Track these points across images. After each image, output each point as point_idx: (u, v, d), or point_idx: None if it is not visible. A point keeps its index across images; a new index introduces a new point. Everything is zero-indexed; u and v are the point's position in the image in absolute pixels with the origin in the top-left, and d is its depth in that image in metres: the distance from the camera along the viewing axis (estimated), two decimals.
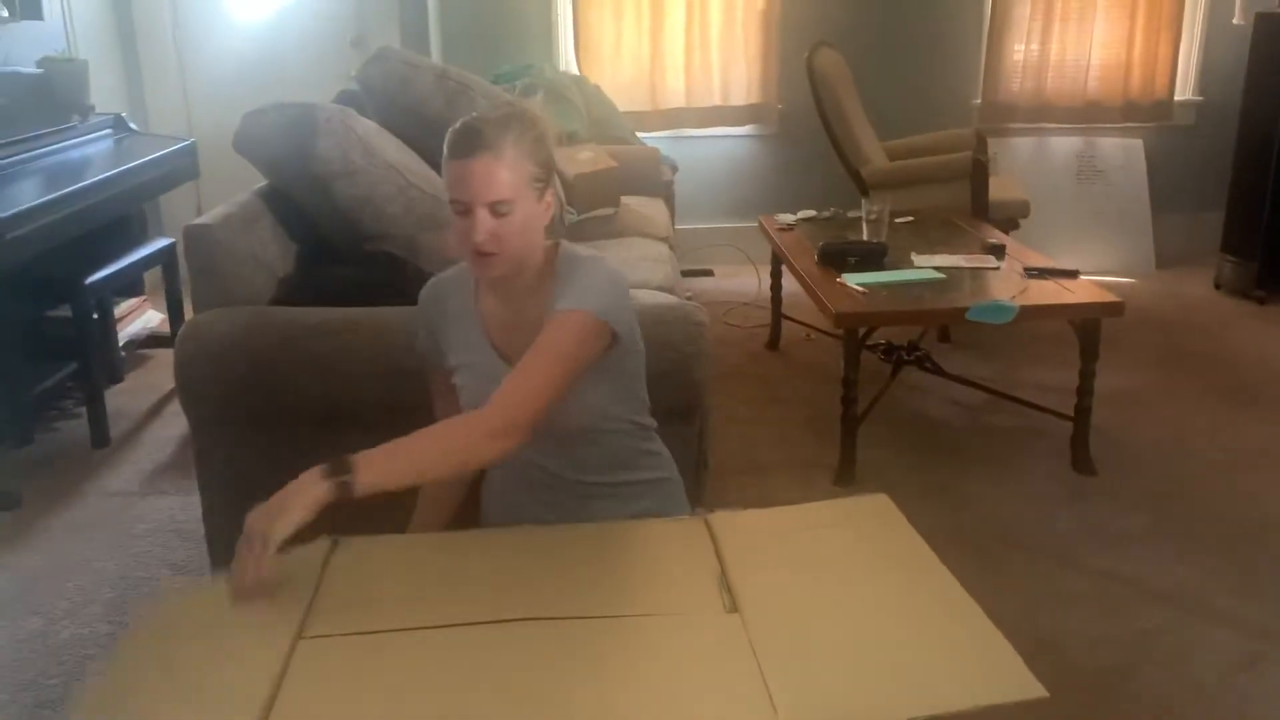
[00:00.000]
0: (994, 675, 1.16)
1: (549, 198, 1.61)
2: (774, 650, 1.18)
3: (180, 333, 2.15)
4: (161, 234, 4.10)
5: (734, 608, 1.29)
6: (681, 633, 1.25)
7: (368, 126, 2.45)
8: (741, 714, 1.08)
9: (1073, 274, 3.13)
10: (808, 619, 1.27)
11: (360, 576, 1.42)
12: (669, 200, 4.23)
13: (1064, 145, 5.17)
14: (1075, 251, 4.68)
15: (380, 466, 1.42)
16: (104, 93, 4.28)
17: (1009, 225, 4.17)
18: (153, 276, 4.14)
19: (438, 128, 2.72)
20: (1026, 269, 3.18)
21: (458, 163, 1.54)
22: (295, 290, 2.33)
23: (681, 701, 1.12)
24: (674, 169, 4.52)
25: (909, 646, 1.22)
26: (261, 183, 2.52)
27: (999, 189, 4.28)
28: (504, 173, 1.52)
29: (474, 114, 1.59)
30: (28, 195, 3.03)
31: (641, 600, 1.33)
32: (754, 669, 1.15)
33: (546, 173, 1.59)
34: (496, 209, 1.53)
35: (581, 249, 1.70)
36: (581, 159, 3.58)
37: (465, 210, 1.54)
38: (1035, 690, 1.12)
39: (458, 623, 1.27)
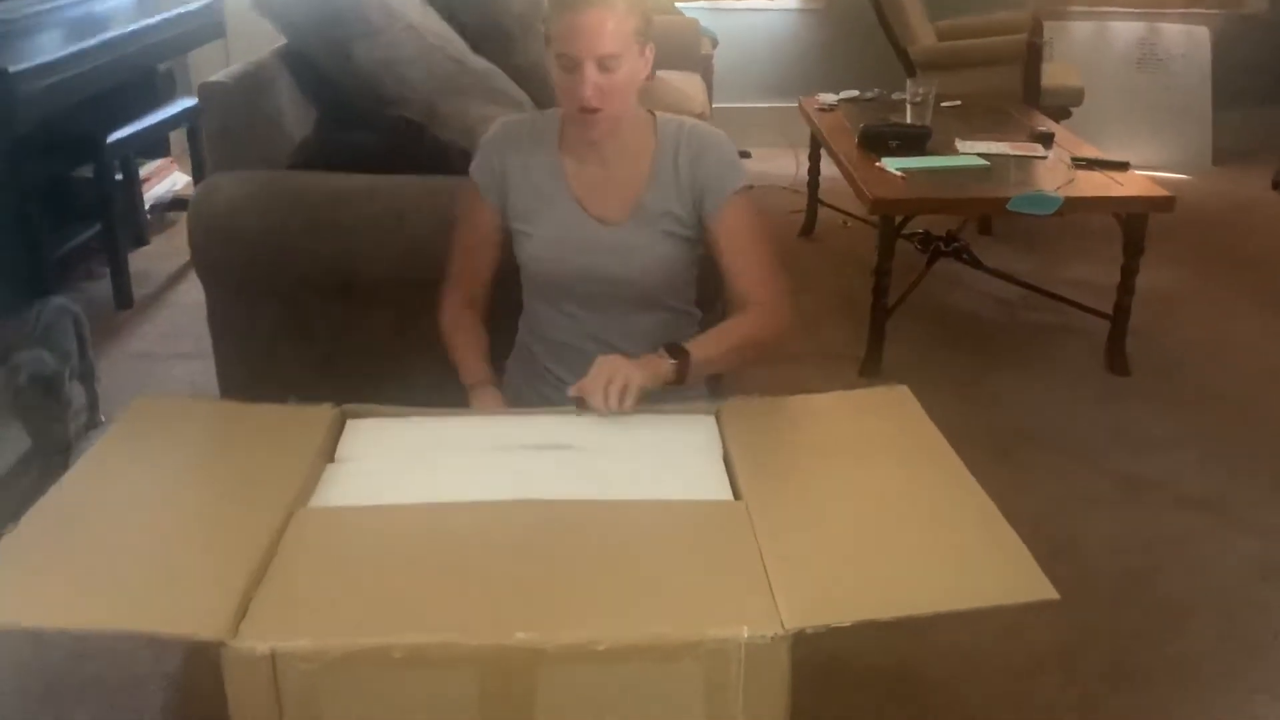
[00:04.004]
0: (1004, 575, 1.12)
1: (649, 51, 1.59)
2: (778, 540, 1.14)
3: (194, 194, 2.11)
4: (190, 94, 4.02)
5: (739, 495, 1.25)
6: (685, 518, 1.22)
7: None
8: (741, 603, 1.05)
9: (1123, 166, 3.00)
10: (814, 510, 1.23)
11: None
12: (707, 75, 4.08)
13: (1125, 31, 4.92)
14: (1128, 144, 4.47)
15: (704, 348, 1.58)
16: None
17: (1060, 114, 3.99)
18: (180, 139, 4.07)
19: None
20: (1074, 159, 3.05)
21: (568, 15, 1.51)
22: (313, 154, 2.26)
23: (681, 588, 1.09)
24: (714, 43, 4.35)
25: (917, 541, 1.18)
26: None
27: (1052, 75, 4.10)
28: (613, 26, 1.50)
29: None
30: (47, 48, 2.96)
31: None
32: (756, 558, 1.12)
33: (648, 25, 1.57)
34: (604, 64, 1.51)
35: (679, 116, 1.72)
36: None
37: (572, 65, 1.52)
38: (1046, 592, 1.08)
39: (457, 500, 1.24)
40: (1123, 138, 4.58)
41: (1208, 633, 1.98)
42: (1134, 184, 2.90)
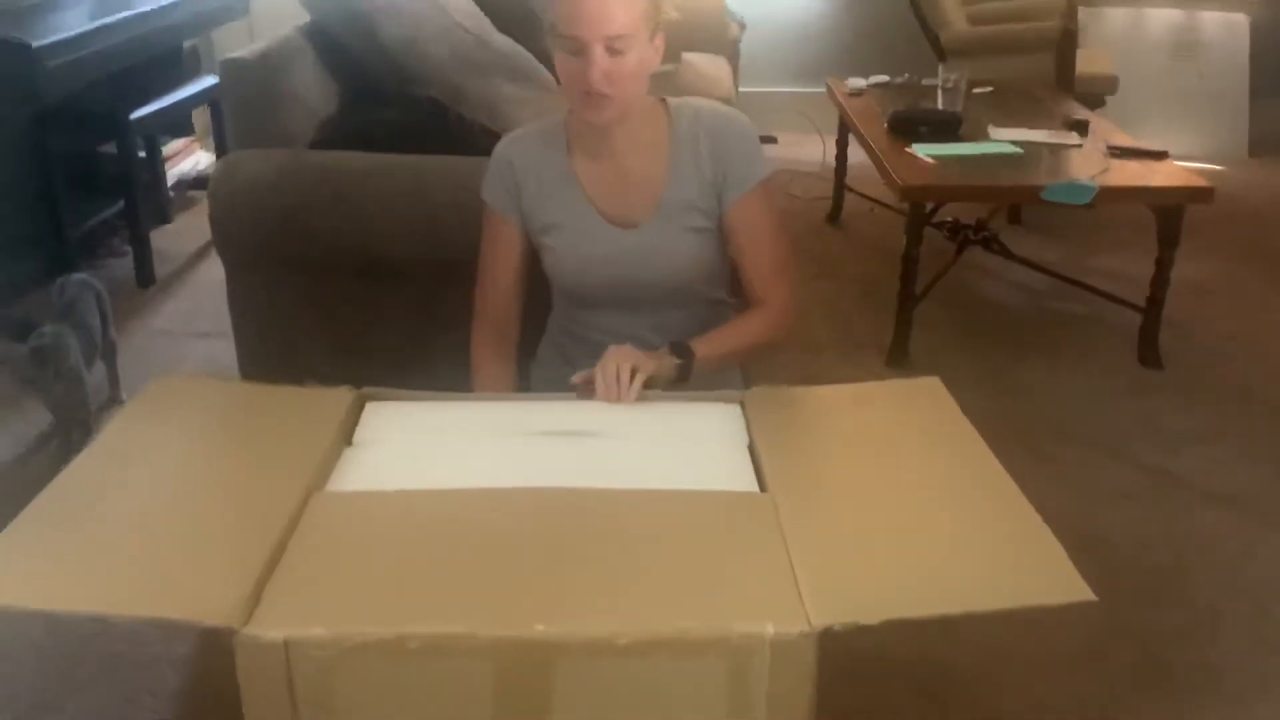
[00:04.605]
0: (1039, 575, 1.08)
1: (659, 40, 1.51)
2: (804, 535, 1.11)
3: (214, 171, 2.09)
4: (214, 72, 4.01)
5: (765, 487, 1.22)
6: (709, 510, 1.19)
7: None
8: (767, 598, 1.02)
9: (1160, 155, 2.93)
10: (843, 504, 1.19)
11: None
12: (734, 59, 4.03)
13: (1161, 18, 4.82)
14: (1162, 132, 4.40)
15: (709, 347, 1.55)
16: None
17: (1095, 101, 3.91)
18: (204, 117, 4.06)
19: None
20: (1110, 148, 2.99)
21: None
22: (335, 133, 2.24)
23: (705, 582, 1.06)
24: (741, 26, 4.30)
25: (950, 538, 1.14)
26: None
27: (1087, 62, 4.02)
28: (622, 5, 1.42)
29: None
30: (71, 23, 2.95)
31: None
32: (782, 551, 1.08)
33: (658, 10, 1.50)
34: (613, 45, 1.43)
35: (685, 98, 1.63)
36: None
37: (578, 48, 1.44)
38: (1082, 594, 1.04)
39: (476, 486, 1.22)
40: (1157, 126, 4.50)
41: (1239, 634, 1.93)
42: (1171, 174, 2.84)
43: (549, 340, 1.79)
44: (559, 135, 1.62)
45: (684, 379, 1.52)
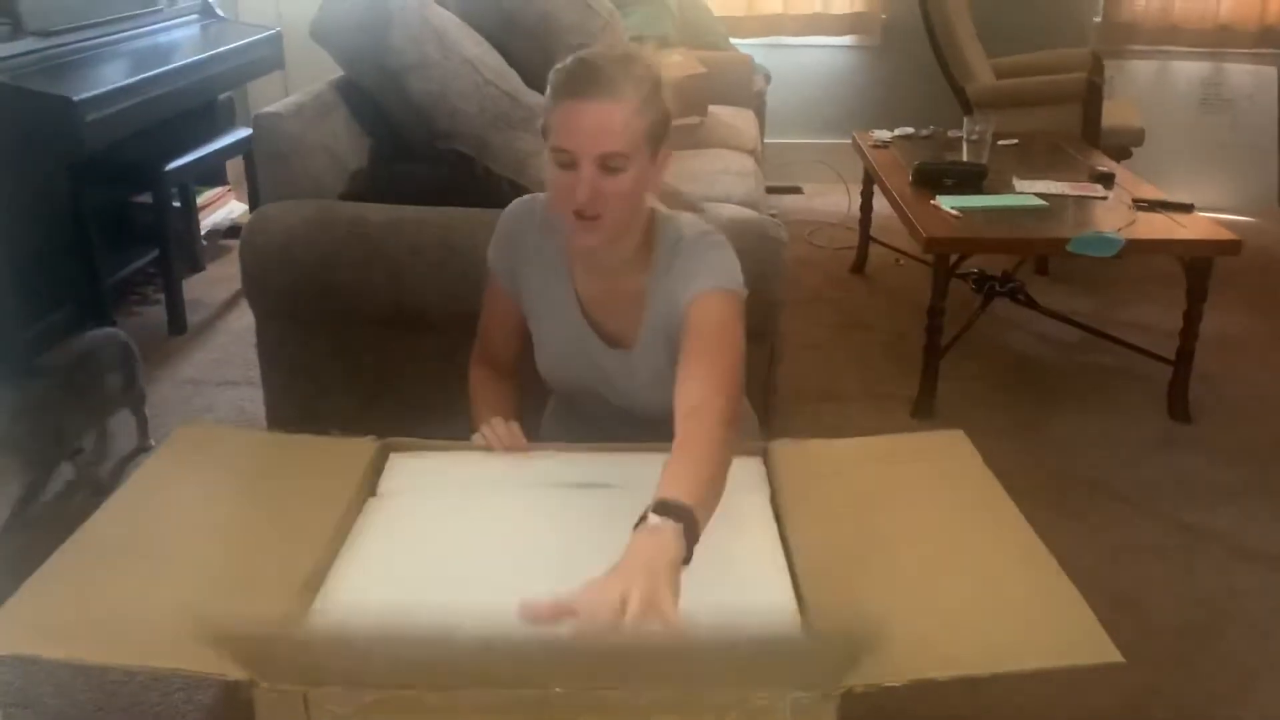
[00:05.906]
0: (1065, 635, 1.07)
1: (662, 159, 1.40)
2: (823, 591, 1.10)
3: (247, 223, 2.12)
4: (248, 124, 4.08)
5: (787, 541, 1.21)
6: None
7: (445, 18, 2.36)
8: (786, 660, 1.01)
9: (1187, 208, 2.92)
10: (865, 560, 1.19)
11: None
12: (759, 111, 4.07)
13: (1188, 71, 4.83)
14: (1191, 185, 4.37)
15: (700, 499, 1.16)
16: None
17: (1121, 154, 3.92)
18: (238, 167, 4.13)
19: (517, 21, 2.63)
20: (1136, 200, 2.98)
21: (569, 104, 1.31)
22: (365, 185, 2.27)
23: (722, 644, 1.04)
24: (767, 79, 4.34)
25: (974, 596, 1.13)
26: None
27: (1113, 114, 4.03)
28: (621, 122, 1.30)
29: (588, 50, 1.39)
30: (111, 77, 3.02)
31: None
32: (804, 611, 1.07)
33: (664, 128, 1.37)
34: (608, 163, 1.31)
35: (679, 216, 1.50)
36: (669, 64, 3.43)
37: (570, 163, 1.32)
38: (1109, 655, 1.03)
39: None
40: (1185, 179, 4.48)
41: (1274, 694, 1.89)
42: (1198, 227, 2.83)
43: (553, 411, 1.75)
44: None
45: (692, 545, 1.13)
